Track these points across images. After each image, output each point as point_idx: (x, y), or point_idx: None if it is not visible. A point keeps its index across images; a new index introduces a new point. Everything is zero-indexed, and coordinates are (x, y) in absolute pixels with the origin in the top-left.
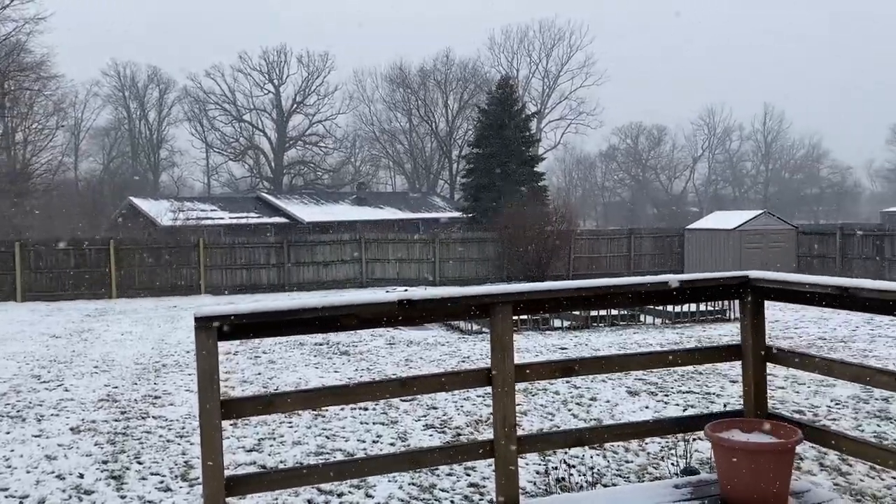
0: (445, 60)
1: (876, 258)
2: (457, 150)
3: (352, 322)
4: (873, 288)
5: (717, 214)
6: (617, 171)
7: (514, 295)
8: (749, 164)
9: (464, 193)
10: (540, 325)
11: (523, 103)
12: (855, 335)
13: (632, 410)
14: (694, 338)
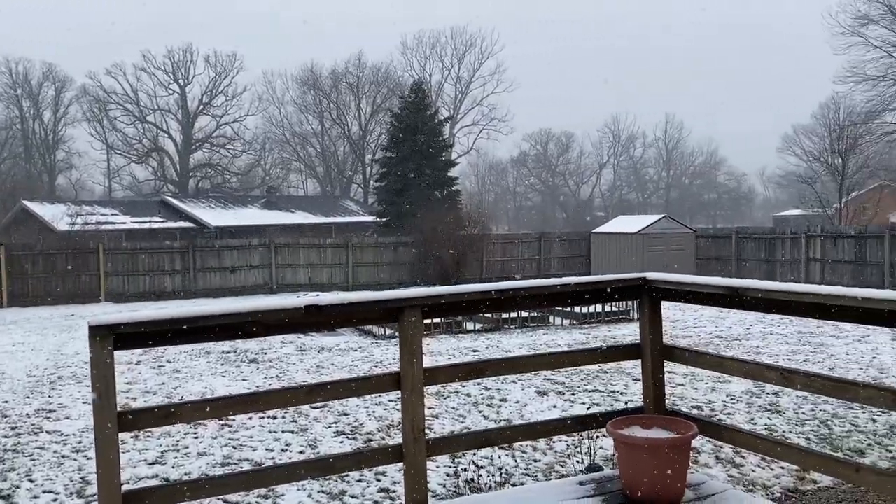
0: (358, 63)
1: (768, 260)
2: (370, 153)
3: (256, 329)
4: (760, 288)
5: (622, 219)
6: (528, 177)
7: (422, 299)
8: (652, 171)
9: (377, 197)
10: (453, 329)
11: (436, 108)
12: (749, 333)
13: (540, 410)
14: (600, 338)
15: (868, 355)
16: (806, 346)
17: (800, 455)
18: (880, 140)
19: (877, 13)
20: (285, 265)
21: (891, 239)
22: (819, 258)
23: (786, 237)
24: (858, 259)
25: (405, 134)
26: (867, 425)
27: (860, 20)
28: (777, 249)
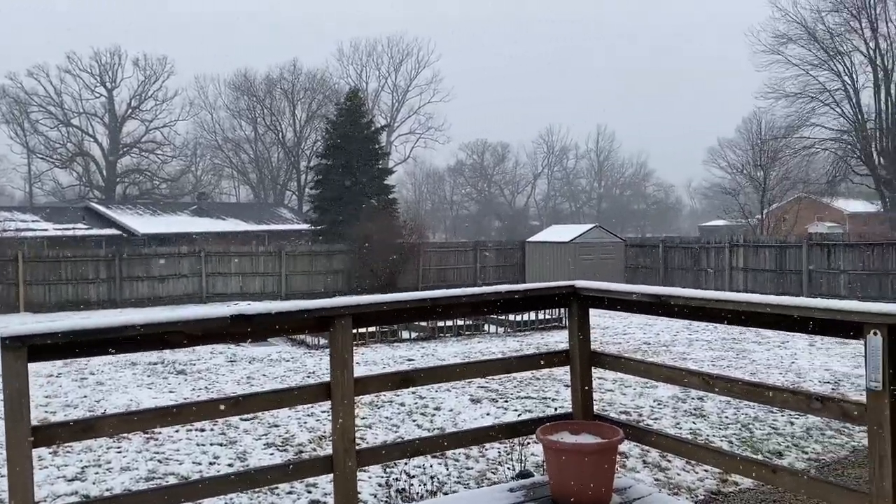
0: (293, 69)
1: (694, 269)
2: (305, 161)
3: (180, 339)
4: (682, 296)
5: (555, 228)
6: (464, 186)
7: (353, 307)
8: (584, 181)
9: (312, 205)
10: (388, 337)
11: (372, 116)
12: (676, 339)
13: (473, 418)
14: (533, 345)
15: (787, 360)
16: (729, 351)
17: (721, 458)
18: (798, 154)
19: (795, 33)
20: (216, 274)
21: (808, 249)
22: (742, 267)
23: (711, 247)
24: (779, 268)
25: (341, 141)
26: (786, 428)
27: (780, 39)
28: (703, 258)
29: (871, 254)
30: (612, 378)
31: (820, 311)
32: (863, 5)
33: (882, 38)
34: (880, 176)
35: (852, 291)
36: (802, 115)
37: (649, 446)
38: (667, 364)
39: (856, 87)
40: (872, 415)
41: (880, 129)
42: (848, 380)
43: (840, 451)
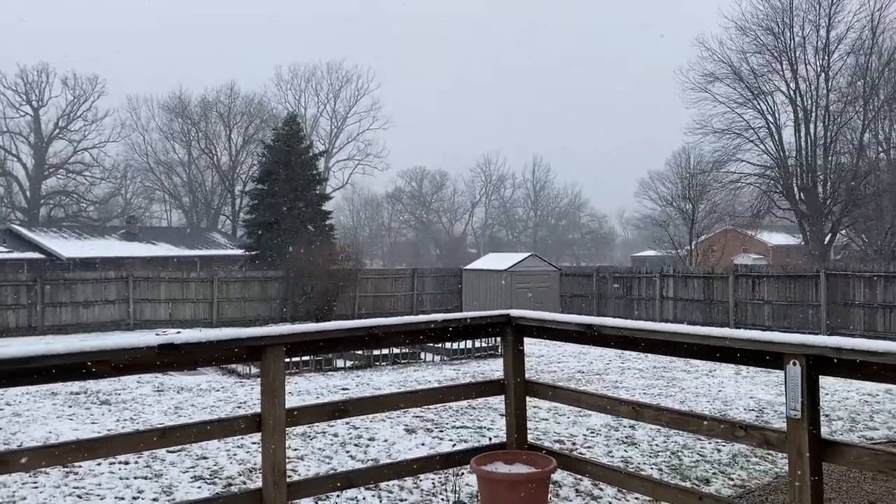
0: (230, 93)
1: (626, 297)
2: (240, 185)
3: (105, 369)
4: (613, 325)
5: (491, 256)
6: (403, 213)
7: (286, 336)
8: (521, 210)
9: (247, 230)
10: (323, 366)
11: (311, 141)
12: (608, 368)
13: (408, 448)
14: (469, 374)
15: (715, 388)
16: (660, 380)
17: (650, 486)
18: (725, 188)
19: (722, 72)
20: (144, 300)
21: (734, 280)
22: (672, 297)
23: (642, 276)
24: (707, 298)
25: (278, 166)
26: (713, 455)
27: (707, 78)
28: (634, 288)
29: (793, 285)
30: (546, 406)
31: (742, 342)
32: (784, 48)
33: (801, 79)
34: (801, 210)
35: (776, 321)
36: (729, 150)
37: (582, 475)
38: (599, 393)
39: (778, 126)
40: (792, 442)
41: (800, 166)
42: (772, 407)
43: (764, 478)
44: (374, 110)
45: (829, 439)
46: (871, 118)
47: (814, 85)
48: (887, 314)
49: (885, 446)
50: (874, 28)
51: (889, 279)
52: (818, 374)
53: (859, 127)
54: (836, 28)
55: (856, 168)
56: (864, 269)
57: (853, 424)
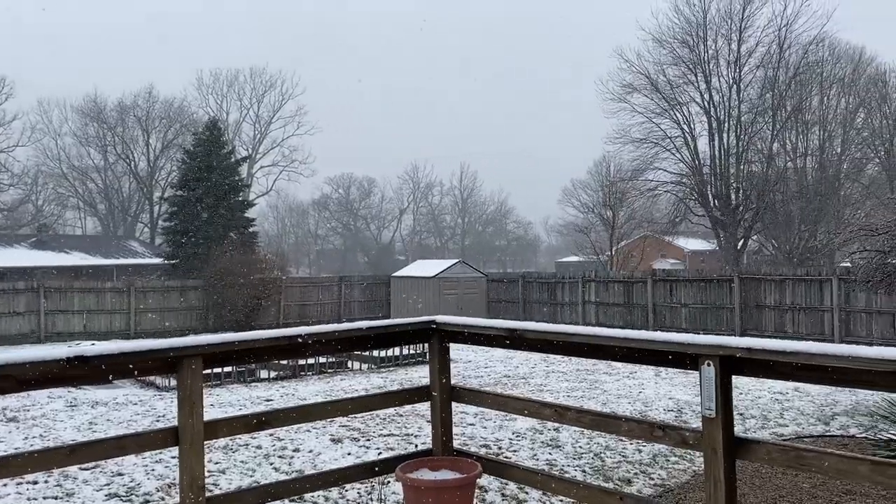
0: (148, 97)
1: (551, 302)
2: (159, 191)
3: (10, 383)
4: (535, 329)
5: (420, 263)
6: (330, 220)
7: (203, 347)
8: (448, 217)
9: (166, 238)
10: (246, 378)
11: (233, 147)
12: (534, 372)
13: (334, 458)
14: (397, 381)
15: (636, 390)
16: (583, 382)
17: (573, 488)
18: (644, 195)
19: (640, 83)
20: (57, 311)
21: (653, 284)
22: (594, 301)
23: (566, 282)
24: (627, 302)
25: (199, 172)
26: (634, 455)
27: (626, 88)
28: (558, 292)
29: (708, 288)
30: (473, 411)
31: (659, 344)
32: (698, 60)
33: (715, 91)
34: (715, 217)
35: (692, 323)
36: (647, 159)
37: (507, 479)
38: (524, 397)
39: (693, 135)
40: (707, 441)
41: (714, 175)
42: (689, 407)
43: (683, 476)
44: (300, 115)
45: (742, 437)
46: (780, 129)
47: (726, 96)
48: (796, 315)
49: (793, 442)
50: (781, 43)
51: (797, 282)
52: (731, 375)
53: (768, 137)
54: (746, 42)
55: (766, 176)
56: (774, 272)
57: (765, 422)
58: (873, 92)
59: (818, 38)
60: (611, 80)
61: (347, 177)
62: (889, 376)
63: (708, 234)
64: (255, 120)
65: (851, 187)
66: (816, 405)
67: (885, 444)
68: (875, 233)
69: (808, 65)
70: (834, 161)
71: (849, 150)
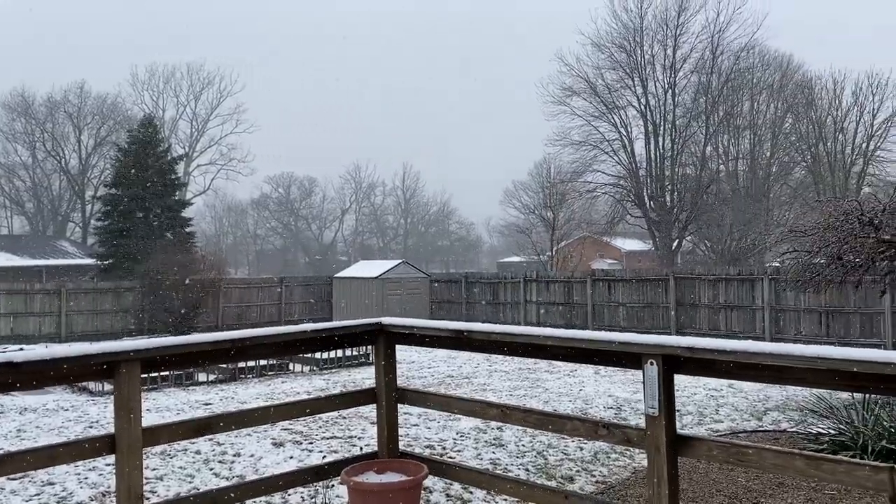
0: (80, 92)
1: (493, 302)
2: (91, 190)
3: None
4: (482, 330)
5: (362, 264)
6: (270, 220)
7: (141, 351)
8: (391, 217)
9: (99, 238)
10: (184, 381)
11: (169, 144)
12: (477, 371)
13: (276, 462)
14: (340, 383)
15: (576, 388)
16: (525, 381)
17: (517, 487)
18: (583, 197)
19: (580, 87)
20: None
21: (592, 284)
22: (536, 301)
23: (507, 282)
24: (567, 301)
25: (133, 170)
26: (576, 453)
27: (566, 92)
28: (500, 293)
29: (645, 288)
30: (417, 412)
31: (603, 344)
32: (635, 65)
33: (651, 95)
34: (651, 218)
35: (630, 322)
36: (586, 161)
37: (452, 479)
38: (469, 397)
39: (630, 138)
40: (651, 439)
41: (650, 177)
42: (628, 405)
43: (623, 473)
44: (239, 113)
45: (684, 434)
46: (712, 133)
47: (662, 101)
48: (728, 313)
49: (730, 438)
50: (714, 49)
51: (729, 281)
52: (673, 373)
53: (702, 140)
54: (681, 48)
55: (699, 178)
56: (708, 272)
57: (701, 418)
58: (800, 98)
59: (749, 45)
60: (551, 83)
61: (288, 176)
62: (823, 374)
63: (644, 234)
64: (193, 117)
65: (780, 189)
66: (749, 401)
67: (814, 437)
68: (803, 234)
69: (739, 71)
70: (763, 164)
71: (777, 154)
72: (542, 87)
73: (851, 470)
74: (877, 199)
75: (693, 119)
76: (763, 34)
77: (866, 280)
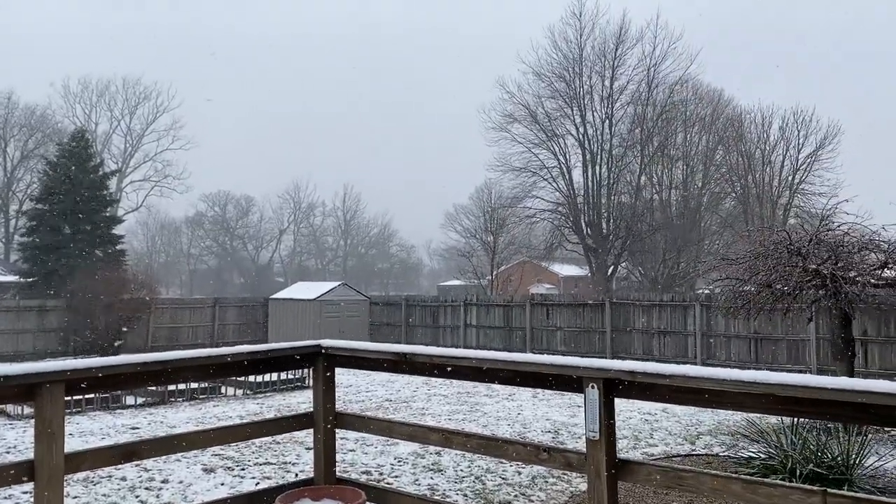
0: (7, 103)
1: (433, 326)
2: (16, 204)
3: None
4: (424, 353)
5: (300, 285)
6: (204, 239)
7: (65, 373)
8: (331, 239)
9: (23, 254)
10: (109, 404)
11: (101, 159)
12: (416, 395)
13: (206, 489)
14: (274, 407)
15: (515, 412)
16: (464, 405)
17: None
18: (523, 222)
19: (520, 114)
20: None
21: (531, 308)
22: (475, 324)
23: (448, 305)
24: (506, 325)
25: (62, 185)
26: (514, 478)
27: (507, 118)
28: (441, 316)
29: (582, 312)
30: (354, 437)
31: (546, 367)
32: (574, 95)
33: (589, 124)
34: (588, 245)
35: (567, 346)
36: (526, 187)
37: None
38: (409, 422)
39: (569, 166)
40: (591, 462)
41: (588, 204)
42: (566, 428)
43: (561, 497)
44: (175, 129)
45: (625, 458)
46: (647, 162)
47: (599, 130)
48: (662, 338)
49: (666, 461)
50: (650, 82)
51: (663, 307)
52: (614, 397)
53: (637, 170)
54: (618, 80)
55: (634, 207)
56: (643, 298)
57: (636, 442)
58: (731, 131)
59: (683, 78)
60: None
61: (224, 194)
62: (760, 398)
63: (581, 260)
64: (127, 132)
65: (711, 219)
66: (682, 425)
67: (745, 461)
68: (734, 262)
69: (673, 103)
70: (695, 194)
71: (709, 185)
72: (484, 112)
73: (786, 494)
74: (804, 229)
75: (629, 149)
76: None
77: (794, 308)
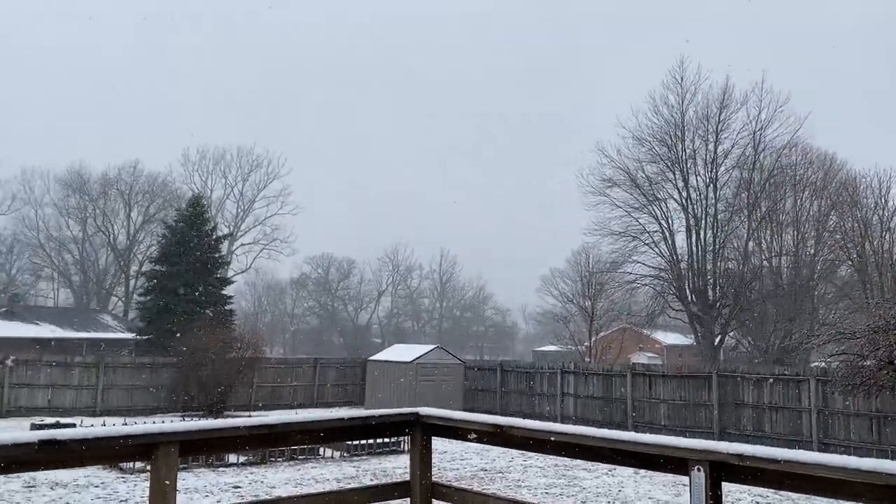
0: (132, 171)
1: (528, 393)
2: (136, 265)
3: None
4: (520, 426)
5: (397, 347)
6: (307, 299)
7: (181, 434)
8: (427, 301)
9: (140, 313)
10: (214, 462)
11: (215, 224)
12: (511, 466)
13: None
14: (370, 472)
15: (615, 488)
16: (562, 479)
17: None
18: (622, 287)
19: (620, 178)
20: (21, 385)
21: (632, 378)
22: (573, 393)
23: (544, 372)
24: (605, 395)
25: (178, 248)
26: None
27: (606, 183)
28: (536, 383)
29: (687, 385)
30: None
31: (649, 447)
32: (676, 159)
33: (692, 189)
34: (692, 312)
35: (671, 420)
36: (625, 252)
37: None
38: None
39: (671, 230)
40: None
41: (692, 270)
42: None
43: None
44: (284, 195)
45: None
46: (755, 228)
47: (703, 194)
48: (774, 414)
49: None
50: (756, 146)
51: (775, 381)
52: (721, 480)
53: (744, 235)
54: (722, 144)
55: (742, 274)
56: (752, 371)
57: None
58: (844, 196)
59: (791, 142)
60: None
61: (327, 257)
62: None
63: (685, 328)
64: (239, 198)
65: (825, 288)
66: None
67: None
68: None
69: (781, 167)
70: (808, 261)
71: (822, 252)
72: (583, 177)
73: None
74: None
75: (735, 214)
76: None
77: None
